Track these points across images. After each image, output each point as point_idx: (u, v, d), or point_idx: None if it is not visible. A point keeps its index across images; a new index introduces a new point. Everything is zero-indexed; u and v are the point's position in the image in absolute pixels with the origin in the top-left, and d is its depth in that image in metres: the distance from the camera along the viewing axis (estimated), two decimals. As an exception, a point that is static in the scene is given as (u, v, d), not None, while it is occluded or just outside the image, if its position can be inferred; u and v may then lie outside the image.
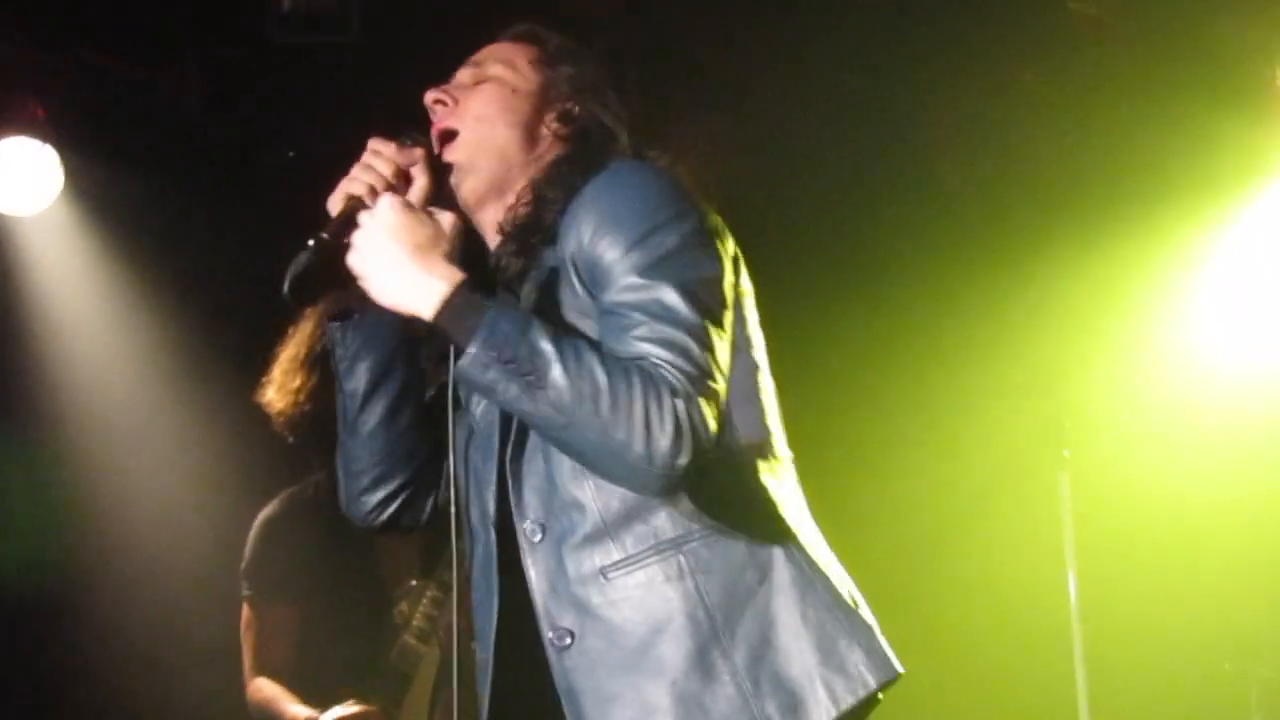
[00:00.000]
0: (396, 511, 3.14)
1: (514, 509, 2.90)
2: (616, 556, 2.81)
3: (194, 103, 5.79)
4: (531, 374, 2.65)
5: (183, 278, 5.90)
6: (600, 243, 2.79)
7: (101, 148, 5.71)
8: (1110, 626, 5.70)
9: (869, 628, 2.85)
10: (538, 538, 2.86)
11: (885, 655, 2.84)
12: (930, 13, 5.76)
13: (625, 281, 2.75)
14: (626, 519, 2.81)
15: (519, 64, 3.08)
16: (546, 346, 2.66)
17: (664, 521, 2.80)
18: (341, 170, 3.00)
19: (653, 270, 2.75)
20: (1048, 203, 6.03)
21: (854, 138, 5.96)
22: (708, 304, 2.76)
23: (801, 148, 5.87)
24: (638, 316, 2.72)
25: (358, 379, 3.06)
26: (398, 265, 2.76)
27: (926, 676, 3.56)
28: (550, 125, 3.03)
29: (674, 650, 2.77)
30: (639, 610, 2.79)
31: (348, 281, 2.83)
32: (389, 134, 3.00)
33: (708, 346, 2.73)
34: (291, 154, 5.85)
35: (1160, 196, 5.96)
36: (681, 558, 2.79)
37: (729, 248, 2.91)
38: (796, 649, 2.79)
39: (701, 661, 2.76)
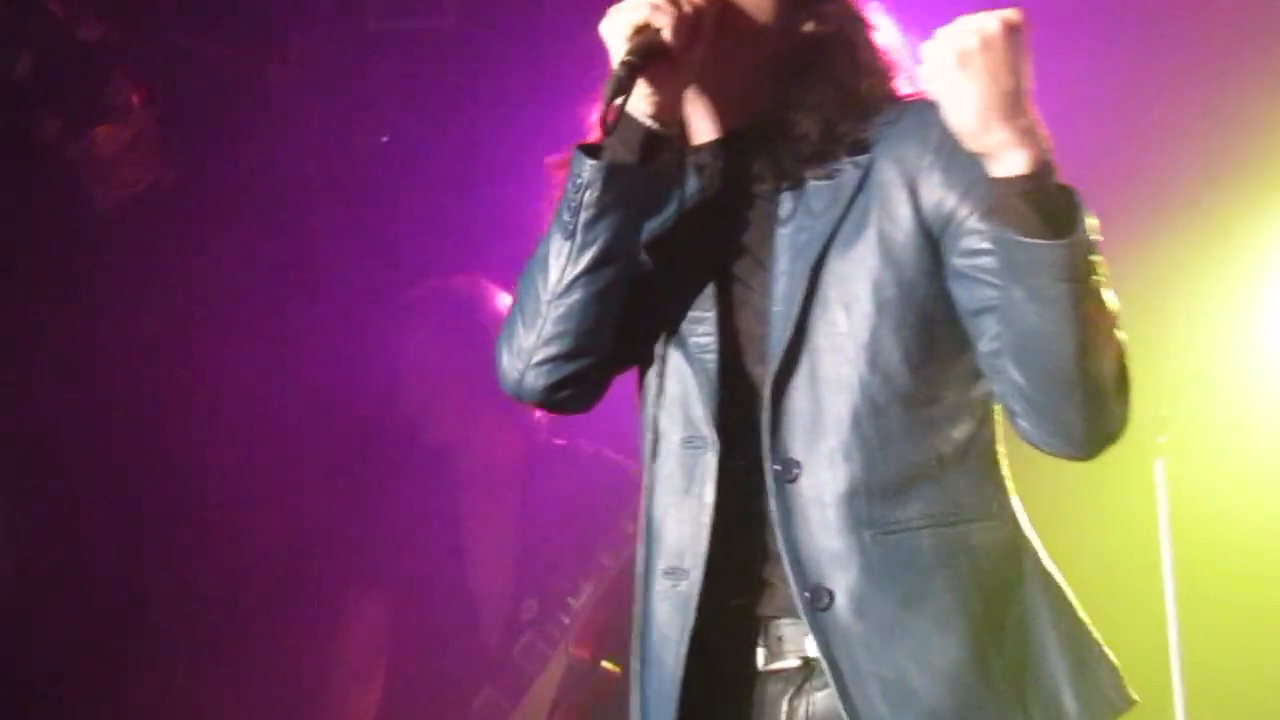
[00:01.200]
0: (574, 392, 2.84)
1: (767, 440, 2.67)
2: (889, 518, 2.62)
3: (292, 86, 5.83)
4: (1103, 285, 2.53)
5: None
6: (954, 192, 2.63)
7: (202, 133, 5.76)
8: (1208, 617, 5.64)
9: (1104, 647, 2.73)
10: (794, 476, 2.66)
11: (1123, 680, 2.72)
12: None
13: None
14: (901, 480, 2.63)
15: None
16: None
17: (937, 493, 2.63)
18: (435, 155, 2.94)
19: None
20: (1143, 189, 5.97)
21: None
22: None
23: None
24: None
25: (596, 235, 2.72)
26: (1016, 97, 2.49)
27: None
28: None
29: (945, 637, 2.59)
30: (908, 581, 2.61)
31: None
32: None
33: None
34: (386, 139, 5.88)
35: (1263, 182, 5.90)
36: (954, 535, 2.63)
37: None
38: (1054, 656, 2.65)
39: (975, 654, 2.59)
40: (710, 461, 2.71)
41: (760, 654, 2.73)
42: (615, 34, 2.66)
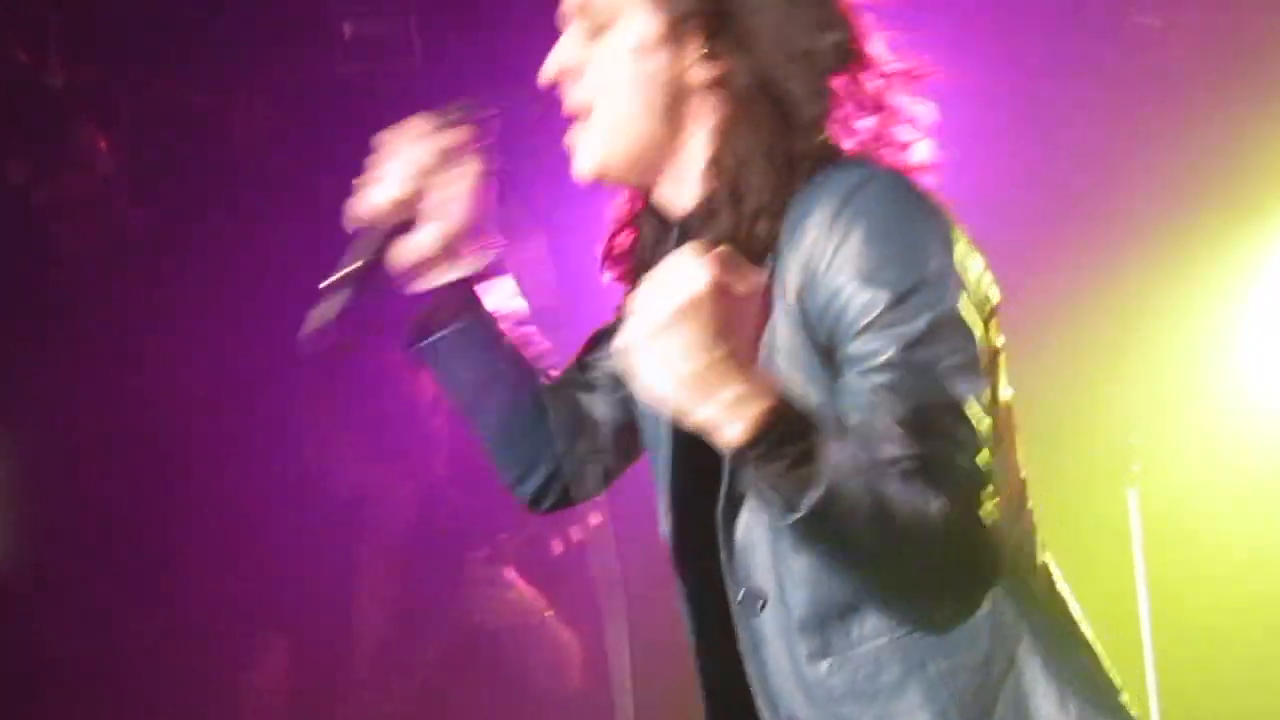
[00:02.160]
0: (560, 496, 2.81)
1: (727, 573, 2.42)
2: (845, 640, 2.36)
3: (259, 132, 5.83)
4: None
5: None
6: (847, 290, 2.25)
7: (168, 177, 5.75)
8: (1183, 644, 5.65)
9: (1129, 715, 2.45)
10: (759, 607, 2.40)
11: None
12: (991, 27, 5.75)
13: (876, 348, 2.22)
14: (854, 598, 2.34)
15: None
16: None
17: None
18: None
19: (914, 348, 2.22)
20: (1117, 220, 5.99)
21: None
22: (974, 381, 2.25)
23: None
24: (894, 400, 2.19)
25: (462, 390, 2.75)
26: (711, 373, 2.10)
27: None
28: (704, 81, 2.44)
29: None
30: (880, 704, 2.34)
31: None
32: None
33: (971, 426, 2.22)
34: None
35: (1235, 214, 5.93)
36: (918, 639, 2.33)
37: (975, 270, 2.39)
38: None
39: None
40: (683, 592, 2.56)
41: None
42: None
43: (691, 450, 2.34)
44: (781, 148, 2.39)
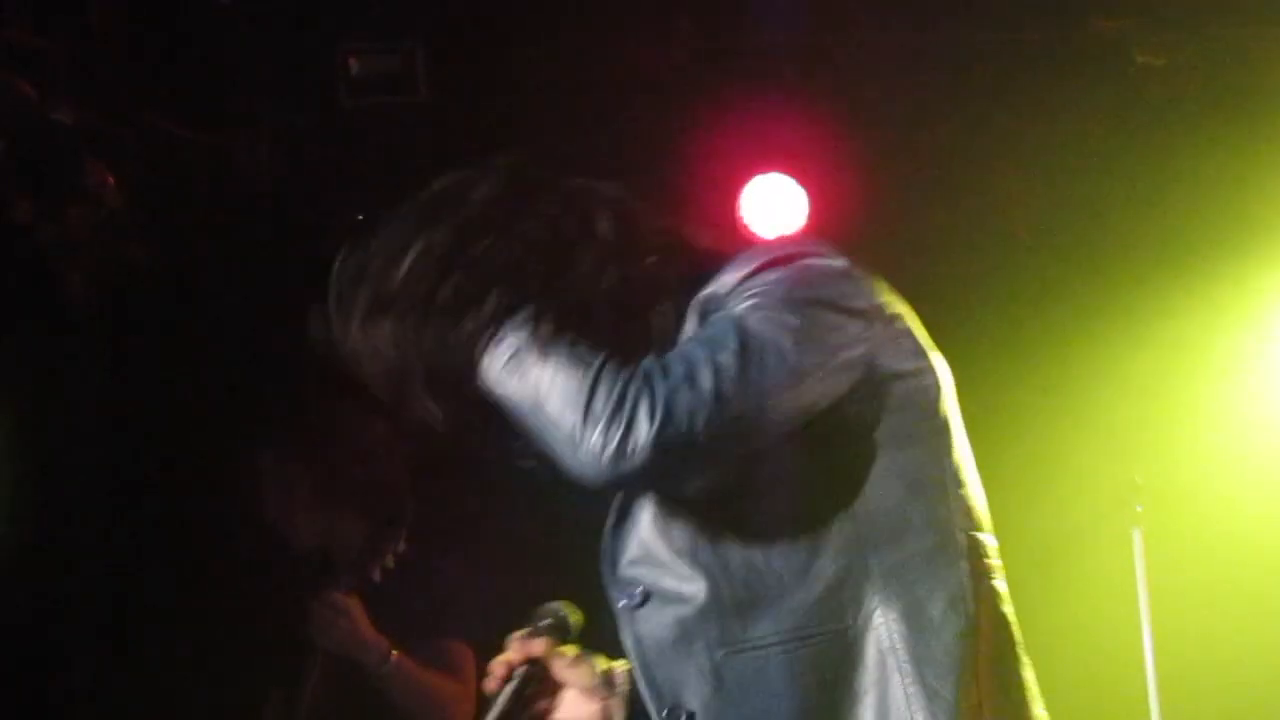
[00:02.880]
0: None
1: (608, 570, 2.69)
2: (739, 637, 2.55)
3: (266, 168, 5.84)
4: None
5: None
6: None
7: (172, 214, 5.76)
8: (1187, 683, 5.65)
9: None
10: (636, 604, 2.64)
11: None
12: (998, 65, 5.77)
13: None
14: (750, 599, 2.55)
15: None
16: None
17: (788, 609, 2.53)
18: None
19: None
20: (1121, 257, 6.00)
21: (922, 192, 5.95)
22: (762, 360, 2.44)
23: (866, 204, 5.87)
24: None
25: None
26: None
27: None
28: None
29: None
30: (761, 700, 2.54)
31: None
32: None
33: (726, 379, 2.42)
34: (361, 217, 5.88)
35: (1237, 252, 5.93)
36: (805, 653, 2.53)
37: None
38: None
39: None
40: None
41: None
42: None
43: None
44: None
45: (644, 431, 2.37)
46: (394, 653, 4.69)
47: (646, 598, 2.61)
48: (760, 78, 5.82)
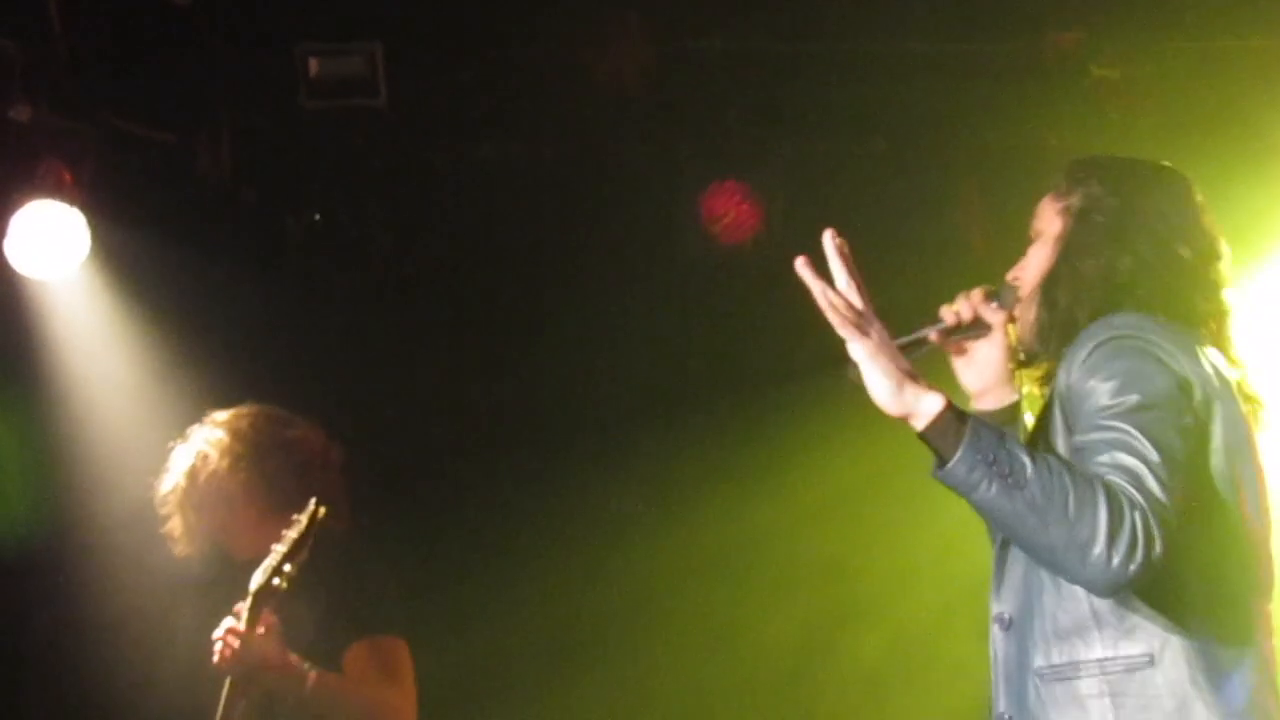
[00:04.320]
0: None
1: (994, 598, 3.36)
2: (1053, 662, 3.19)
3: (224, 168, 5.83)
4: (1010, 475, 2.97)
5: (213, 344, 5.91)
6: (1086, 388, 3.16)
7: (130, 213, 5.74)
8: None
9: None
10: (1008, 625, 3.32)
11: None
12: (955, 78, 5.79)
13: (1097, 423, 3.08)
14: (1067, 631, 3.18)
15: (1048, 215, 3.74)
16: (1021, 453, 2.99)
17: (1095, 641, 3.16)
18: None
19: (1121, 418, 3.06)
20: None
21: (878, 203, 5.97)
22: (1167, 445, 3.04)
23: (821, 212, 5.89)
24: (1103, 449, 3.03)
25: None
26: (899, 382, 3.08)
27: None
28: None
29: None
30: (1070, 715, 3.16)
31: None
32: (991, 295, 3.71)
33: (1161, 480, 2.99)
34: (317, 217, 5.88)
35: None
36: (1104, 679, 3.14)
37: (1199, 400, 3.21)
38: None
39: None
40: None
41: None
42: None
43: None
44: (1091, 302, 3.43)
45: (1143, 555, 2.92)
46: (312, 673, 4.53)
47: (1012, 622, 3.33)
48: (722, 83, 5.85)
